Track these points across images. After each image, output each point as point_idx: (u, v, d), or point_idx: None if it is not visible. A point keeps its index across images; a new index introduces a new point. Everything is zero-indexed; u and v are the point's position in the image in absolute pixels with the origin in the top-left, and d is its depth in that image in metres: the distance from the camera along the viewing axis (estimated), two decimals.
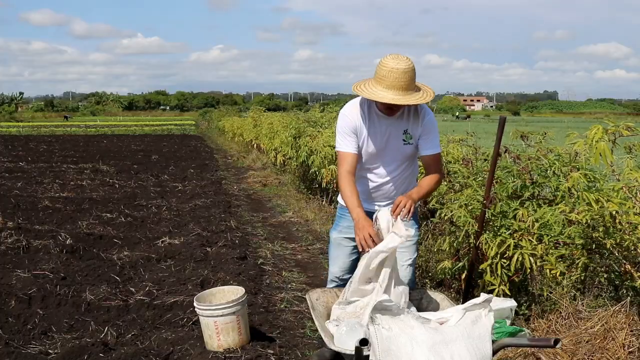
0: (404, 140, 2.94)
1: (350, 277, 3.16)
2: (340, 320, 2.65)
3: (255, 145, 16.03)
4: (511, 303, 2.76)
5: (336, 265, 3.20)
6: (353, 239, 3.09)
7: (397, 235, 2.57)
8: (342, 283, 3.15)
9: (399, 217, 2.66)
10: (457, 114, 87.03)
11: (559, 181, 3.60)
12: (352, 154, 2.93)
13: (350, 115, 2.94)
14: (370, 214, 3.04)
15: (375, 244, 2.62)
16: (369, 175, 3.05)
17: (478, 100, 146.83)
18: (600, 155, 3.02)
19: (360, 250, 2.72)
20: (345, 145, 2.95)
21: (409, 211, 2.69)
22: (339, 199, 3.22)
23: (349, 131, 2.93)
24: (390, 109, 2.86)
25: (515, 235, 3.49)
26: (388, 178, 3.02)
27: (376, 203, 3.06)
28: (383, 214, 2.72)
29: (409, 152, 3.00)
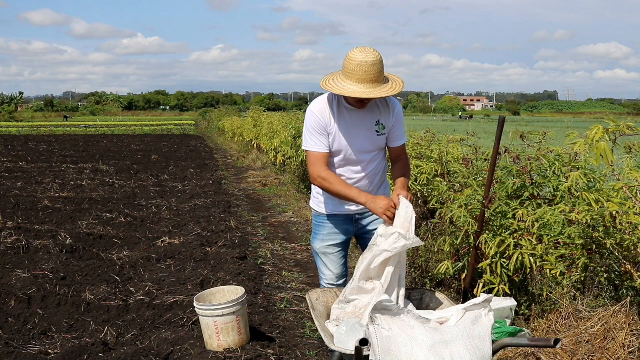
0: (377, 131, 2.90)
1: (345, 280, 3.16)
2: (340, 320, 2.65)
3: (255, 145, 16.03)
4: (511, 302, 2.76)
5: (328, 274, 3.12)
6: (338, 245, 3.08)
7: (403, 237, 2.55)
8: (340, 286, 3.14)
9: (412, 218, 2.62)
10: (460, 114, 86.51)
11: (559, 181, 3.60)
12: (323, 154, 2.85)
13: (319, 113, 2.86)
14: (347, 217, 3.03)
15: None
16: (343, 172, 2.94)
17: (478, 100, 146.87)
18: (602, 156, 3.02)
19: (389, 223, 2.67)
20: (315, 144, 2.86)
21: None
22: (313, 204, 3.14)
23: (319, 129, 2.84)
24: (361, 102, 2.81)
25: (515, 235, 3.49)
26: (363, 174, 2.95)
27: (352, 204, 2.97)
28: (404, 203, 2.67)
29: (382, 144, 2.96)
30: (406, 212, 2.64)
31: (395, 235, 2.58)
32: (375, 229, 2.85)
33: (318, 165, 2.86)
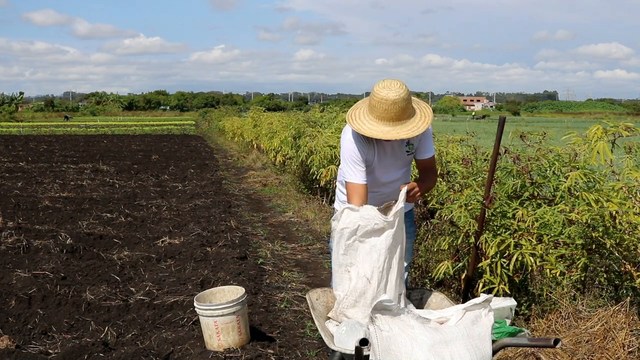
0: (407, 151, 2.94)
1: None
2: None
3: (255, 145, 16.03)
4: (511, 302, 2.76)
5: None
6: None
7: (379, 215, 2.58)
8: None
9: (402, 196, 2.64)
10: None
11: (559, 181, 3.61)
12: (363, 185, 2.79)
13: (357, 143, 2.79)
14: None
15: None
16: (379, 189, 2.96)
17: (478, 100, 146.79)
18: (598, 153, 3.03)
19: None
20: (355, 176, 2.79)
21: (414, 195, 2.80)
22: (337, 206, 3.17)
23: (358, 160, 2.79)
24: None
25: (515, 235, 3.49)
26: (390, 189, 2.97)
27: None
28: (402, 192, 2.69)
29: (410, 160, 3.02)
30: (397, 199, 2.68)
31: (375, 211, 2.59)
32: None
33: (353, 196, 2.79)
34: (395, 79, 2.67)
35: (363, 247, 2.63)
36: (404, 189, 2.68)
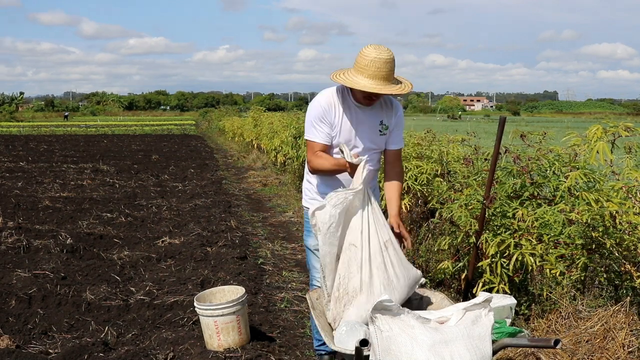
0: (380, 131, 2.95)
1: None
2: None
3: (255, 145, 16.03)
4: (511, 301, 2.76)
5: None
6: None
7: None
8: None
9: (362, 163, 2.67)
10: (459, 114, 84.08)
11: (559, 181, 3.61)
12: (322, 145, 2.89)
13: (326, 104, 2.88)
14: None
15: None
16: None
17: (478, 101, 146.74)
18: (598, 153, 3.03)
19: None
20: (315, 135, 2.89)
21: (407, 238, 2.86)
22: (305, 202, 3.20)
23: (322, 120, 2.88)
24: (369, 99, 2.85)
25: (515, 235, 3.49)
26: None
27: None
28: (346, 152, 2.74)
29: (381, 144, 3.00)
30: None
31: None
32: None
33: (310, 151, 2.92)
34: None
35: (345, 225, 2.67)
36: (365, 158, 2.71)
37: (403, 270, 2.67)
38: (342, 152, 2.77)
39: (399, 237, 2.85)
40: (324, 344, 3.06)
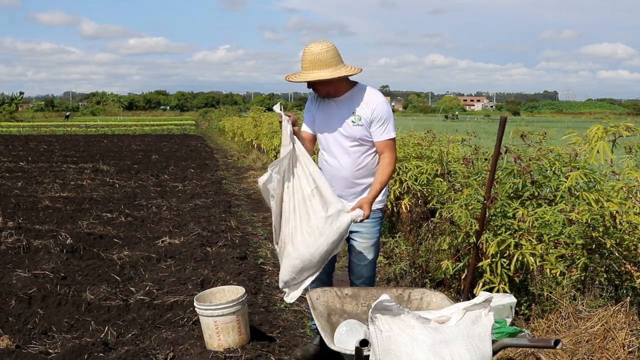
0: (353, 121, 3.07)
1: (332, 279, 3.45)
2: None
3: (255, 145, 16.02)
4: (511, 300, 2.76)
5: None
6: None
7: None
8: (324, 283, 3.25)
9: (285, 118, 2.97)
10: (456, 113, 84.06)
11: (559, 181, 3.61)
12: (304, 131, 3.24)
13: (310, 98, 3.26)
14: None
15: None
16: (328, 159, 3.21)
17: (478, 101, 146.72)
18: (599, 153, 3.03)
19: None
20: (304, 124, 3.29)
21: (367, 217, 2.98)
22: None
23: (307, 110, 3.27)
24: (326, 91, 3.07)
25: (515, 235, 3.49)
26: (341, 163, 3.13)
27: (340, 196, 3.05)
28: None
29: (358, 135, 3.08)
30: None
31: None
32: (357, 231, 3.15)
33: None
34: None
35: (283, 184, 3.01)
36: (284, 115, 2.96)
37: (328, 218, 2.86)
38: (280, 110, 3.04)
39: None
40: None
